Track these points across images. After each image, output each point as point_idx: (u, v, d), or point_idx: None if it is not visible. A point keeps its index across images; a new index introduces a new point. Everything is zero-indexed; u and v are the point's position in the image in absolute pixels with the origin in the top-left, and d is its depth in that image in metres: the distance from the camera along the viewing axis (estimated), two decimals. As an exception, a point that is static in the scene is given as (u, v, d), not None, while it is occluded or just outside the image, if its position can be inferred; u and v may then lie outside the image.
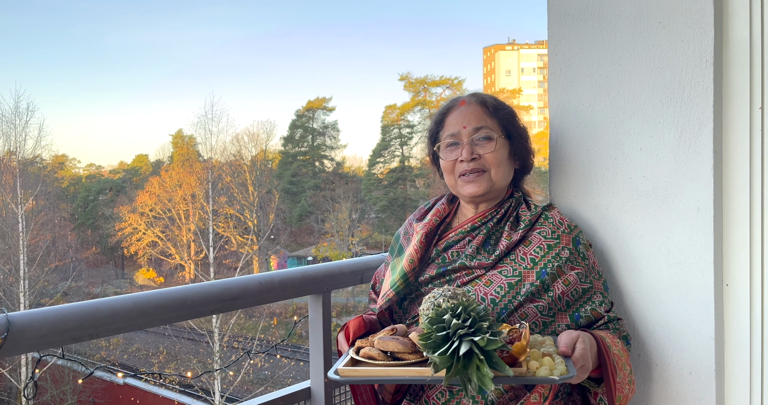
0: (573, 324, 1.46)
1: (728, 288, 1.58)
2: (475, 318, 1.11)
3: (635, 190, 1.66)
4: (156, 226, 26.88)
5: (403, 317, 1.58)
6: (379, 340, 1.25)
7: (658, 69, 1.61)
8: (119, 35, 57.78)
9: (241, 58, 61.55)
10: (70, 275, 23.67)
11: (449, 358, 1.08)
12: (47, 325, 1.32)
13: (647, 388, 1.66)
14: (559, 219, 1.56)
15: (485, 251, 1.53)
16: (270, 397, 1.87)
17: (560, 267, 1.48)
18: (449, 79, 39.14)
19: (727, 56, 1.55)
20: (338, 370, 1.22)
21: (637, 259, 1.66)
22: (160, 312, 1.54)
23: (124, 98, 61.47)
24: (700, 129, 1.55)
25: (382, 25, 63.08)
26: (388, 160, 38.73)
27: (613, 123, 1.69)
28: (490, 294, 1.46)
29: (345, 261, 2.04)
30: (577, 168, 1.76)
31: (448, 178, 1.60)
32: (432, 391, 1.47)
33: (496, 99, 1.61)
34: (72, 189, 38.47)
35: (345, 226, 31.46)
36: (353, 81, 62.38)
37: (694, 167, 1.57)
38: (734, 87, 1.55)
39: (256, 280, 1.76)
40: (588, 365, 1.29)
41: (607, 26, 1.69)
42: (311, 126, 40.85)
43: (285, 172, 37.98)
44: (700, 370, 1.58)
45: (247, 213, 26.30)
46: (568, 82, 1.77)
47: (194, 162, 29.03)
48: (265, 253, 28.53)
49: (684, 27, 1.56)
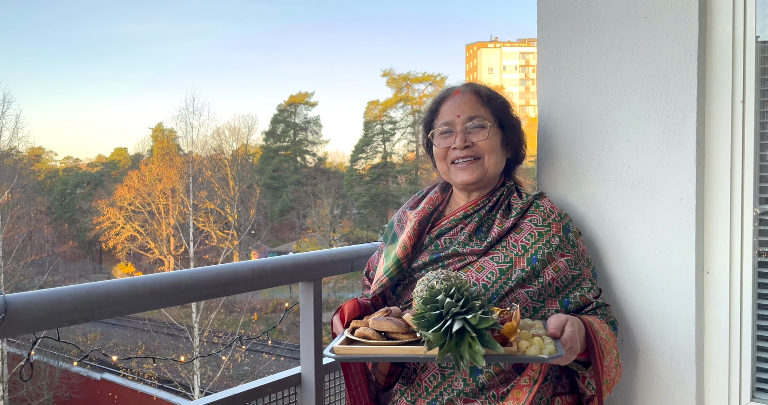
0: (562, 309, 1.50)
1: (709, 275, 1.63)
2: (467, 298, 1.15)
3: (621, 181, 1.71)
4: (135, 220, 26.58)
5: (396, 303, 1.62)
6: (374, 320, 1.28)
7: (644, 63, 1.66)
8: (100, 27, 56.95)
9: (223, 52, 61.02)
10: (46, 269, 23.30)
11: (442, 335, 1.11)
12: (44, 306, 1.33)
13: (632, 372, 1.72)
14: (549, 207, 1.60)
15: (477, 238, 1.57)
16: (259, 383, 1.89)
17: (550, 254, 1.52)
18: (432, 76, 39.25)
19: (710, 51, 1.60)
20: (334, 349, 1.25)
21: (623, 247, 1.71)
22: (155, 296, 1.55)
23: (103, 91, 60.58)
24: (683, 121, 1.61)
25: (365, 21, 63.00)
26: (371, 156, 38.75)
27: (600, 115, 1.73)
28: (482, 279, 1.50)
29: (336, 249, 2.07)
30: (564, 158, 1.81)
31: (440, 164, 1.63)
32: (425, 374, 1.50)
33: (489, 89, 1.64)
34: (49, 182, 37.86)
35: (326, 222, 31.42)
36: (336, 76, 62.21)
37: (677, 158, 1.62)
38: (717, 81, 1.60)
39: (248, 267, 1.78)
40: (576, 347, 1.33)
41: (595, 20, 1.74)
42: (293, 121, 40.68)
43: (266, 167, 37.77)
44: (681, 354, 1.63)
45: (227, 208, 26.12)
46: (557, 74, 1.81)
47: (174, 156, 28.74)
48: (246, 248, 28.36)
49: (669, 22, 1.61)
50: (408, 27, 64.49)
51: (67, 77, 58.30)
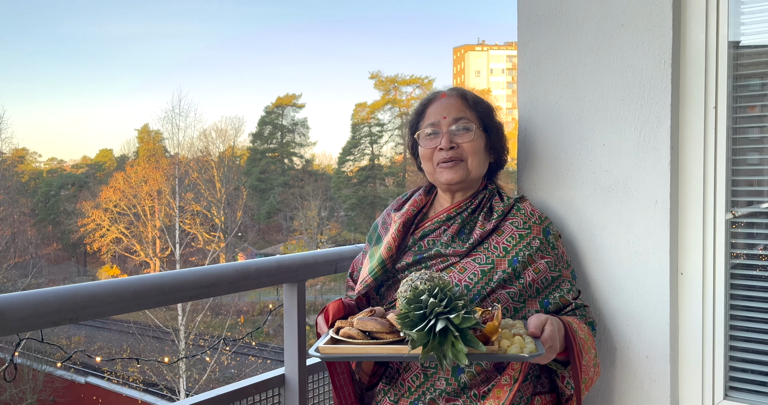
0: (542, 310, 1.54)
1: (683, 276, 1.68)
2: (450, 298, 1.18)
3: (598, 184, 1.75)
4: (120, 222, 26.36)
5: (380, 303, 1.64)
6: (359, 320, 1.31)
7: (620, 69, 1.70)
8: (85, 27, 56.48)
9: (209, 53, 60.75)
10: (30, 272, 23.04)
11: (426, 334, 1.14)
12: (27, 308, 1.34)
13: (609, 371, 1.76)
14: (530, 210, 1.64)
15: (460, 240, 1.60)
16: (244, 384, 1.90)
17: (531, 256, 1.56)
18: (419, 79, 39.38)
19: (684, 58, 1.65)
20: (319, 348, 1.27)
21: (600, 249, 1.75)
22: (138, 297, 1.57)
23: (88, 91, 60.10)
24: (658, 126, 1.65)
25: (352, 23, 63.06)
26: (358, 159, 38.76)
27: (578, 119, 1.78)
28: (464, 280, 1.53)
29: (320, 251, 2.09)
30: (543, 162, 1.85)
31: (426, 165, 1.66)
32: (408, 373, 1.53)
33: (474, 94, 1.68)
34: (33, 183, 37.42)
35: (314, 224, 31.36)
36: (323, 78, 62.24)
37: (652, 162, 1.66)
38: (690, 87, 1.65)
39: (233, 268, 1.80)
40: (556, 346, 1.37)
41: (573, 27, 1.78)
42: (280, 123, 40.60)
43: (253, 168, 37.66)
44: (656, 353, 1.67)
45: (214, 210, 26.00)
46: (537, 79, 1.85)
47: (160, 157, 28.55)
48: (233, 250, 28.24)
49: (644, 30, 1.66)
50: (395, 29, 64.71)
51: (52, 78, 57.76)
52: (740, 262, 1.67)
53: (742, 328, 1.66)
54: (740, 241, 1.67)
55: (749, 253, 1.67)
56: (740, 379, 1.66)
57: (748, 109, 1.65)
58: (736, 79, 1.64)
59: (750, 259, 1.66)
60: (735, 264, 1.67)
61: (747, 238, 1.66)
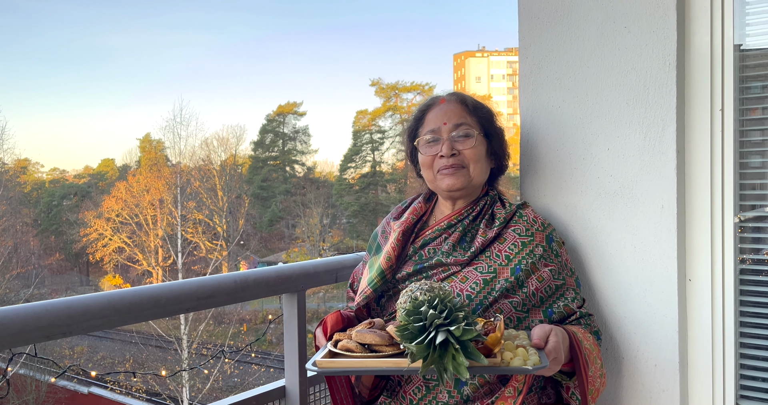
0: (546, 320, 1.50)
1: (691, 283, 1.64)
2: (451, 309, 1.14)
3: (603, 189, 1.71)
4: (123, 231, 26.36)
5: (380, 314, 1.60)
6: (357, 332, 1.27)
7: (624, 72, 1.67)
8: (86, 38, 56.70)
9: (210, 62, 60.93)
10: (32, 282, 23.02)
11: (426, 347, 1.11)
12: (19, 322, 1.30)
13: (616, 381, 1.71)
14: (533, 217, 1.60)
15: (461, 248, 1.56)
16: (243, 397, 1.87)
17: (534, 264, 1.52)
18: (420, 85, 39.44)
19: (689, 60, 1.62)
20: (316, 362, 1.23)
21: (605, 255, 1.71)
22: (134, 310, 1.53)
23: (90, 101, 60.26)
24: (663, 130, 1.62)
25: (353, 30, 63.26)
26: (360, 166, 38.78)
27: (582, 124, 1.74)
28: (466, 290, 1.49)
29: (320, 260, 2.05)
30: (547, 167, 1.81)
31: (426, 173, 1.62)
32: (409, 386, 1.49)
33: (474, 99, 1.65)
34: (35, 194, 37.50)
35: (316, 232, 31.32)
36: (324, 86, 62.31)
37: (658, 166, 1.63)
38: (696, 89, 1.61)
39: (230, 279, 1.76)
40: (560, 358, 1.33)
41: (575, 30, 1.75)
42: (282, 131, 40.66)
43: (255, 177, 37.67)
44: (664, 362, 1.63)
45: (216, 218, 25.99)
46: (538, 83, 1.82)
47: (162, 166, 28.60)
48: (235, 258, 28.18)
49: (648, 31, 1.63)
50: (396, 36, 64.87)
51: (54, 88, 57.95)
52: (747, 267, 1.63)
53: (753, 335, 1.62)
54: (747, 245, 1.63)
55: (755, 258, 1.63)
56: (751, 387, 1.62)
57: (751, 111, 1.62)
58: (742, 80, 1.61)
59: (757, 265, 1.62)
60: (744, 269, 1.63)
61: (753, 242, 1.63)
